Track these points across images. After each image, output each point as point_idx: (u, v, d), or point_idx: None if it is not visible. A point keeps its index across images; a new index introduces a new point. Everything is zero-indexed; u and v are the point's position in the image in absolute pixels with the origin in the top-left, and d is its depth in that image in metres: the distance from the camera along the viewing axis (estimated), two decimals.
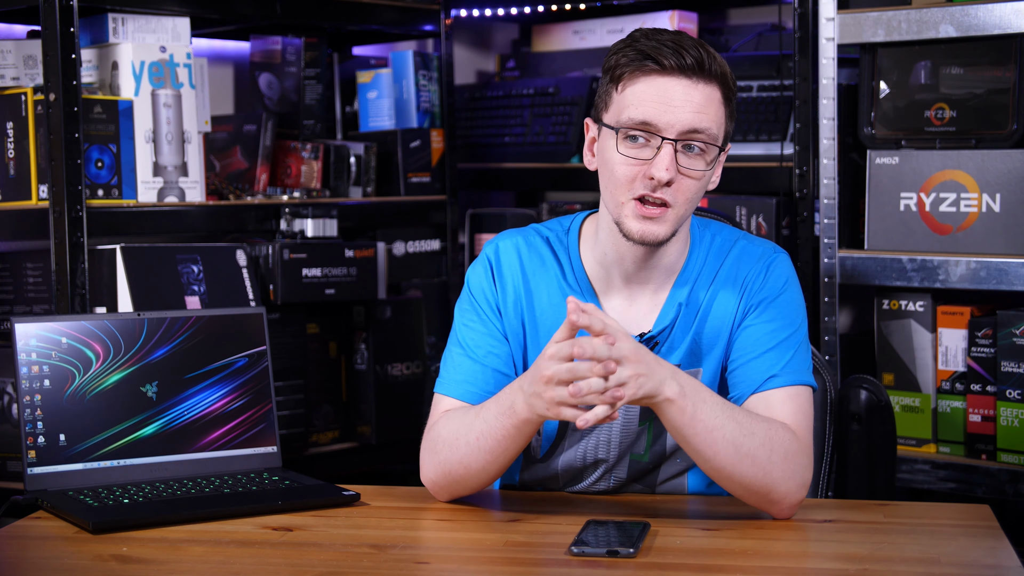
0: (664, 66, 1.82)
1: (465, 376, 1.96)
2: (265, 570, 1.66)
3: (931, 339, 2.87)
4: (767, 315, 1.92)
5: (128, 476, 2.02)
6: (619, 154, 1.85)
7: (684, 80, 1.83)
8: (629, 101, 1.84)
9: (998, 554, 1.66)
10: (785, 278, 1.95)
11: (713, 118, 1.84)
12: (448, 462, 1.89)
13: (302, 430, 3.12)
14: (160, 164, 2.89)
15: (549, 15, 3.72)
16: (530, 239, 2.01)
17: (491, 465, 1.87)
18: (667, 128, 1.82)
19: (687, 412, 1.77)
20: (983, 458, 2.81)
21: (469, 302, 2.00)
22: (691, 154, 1.84)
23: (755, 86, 3.21)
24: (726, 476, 1.82)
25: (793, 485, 1.82)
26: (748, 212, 3.11)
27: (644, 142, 1.84)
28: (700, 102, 1.83)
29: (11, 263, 2.92)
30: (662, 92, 1.82)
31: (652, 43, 1.83)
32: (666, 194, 1.84)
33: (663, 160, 1.82)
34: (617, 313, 1.95)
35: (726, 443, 1.79)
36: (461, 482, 1.91)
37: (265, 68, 3.40)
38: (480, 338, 1.97)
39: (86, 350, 2.02)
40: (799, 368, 1.90)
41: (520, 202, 3.93)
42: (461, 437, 1.87)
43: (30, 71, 2.90)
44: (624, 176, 1.85)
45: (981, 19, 2.73)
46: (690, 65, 1.82)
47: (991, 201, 2.77)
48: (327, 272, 3.07)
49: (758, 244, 1.98)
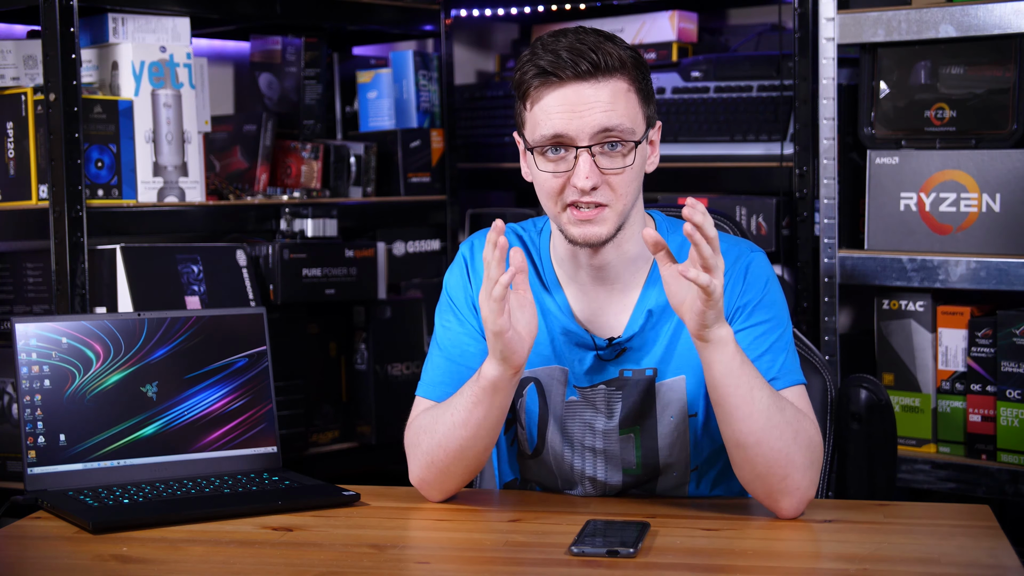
0: (563, 77, 1.85)
1: (442, 377, 1.98)
2: (265, 570, 1.66)
3: (931, 339, 2.87)
4: (754, 318, 1.92)
5: (128, 476, 2.02)
6: (541, 172, 1.88)
7: (585, 85, 1.85)
8: (538, 118, 1.87)
9: (998, 554, 1.66)
10: (765, 278, 1.95)
11: (624, 112, 1.86)
12: (430, 451, 1.90)
13: (302, 430, 3.12)
14: (160, 164, 2.89)
15: (549, 15, 3.72)
16: (506, 237, 2.02)
17: (468, 442, 1.87)
18: (579, 136, 1.85)
19: (737, 359, 1.77)
20: (983, 458, 2.81)
21: (447, 304, 2.02)
22: (612, 152, 1.86)
23: (755, 86, 3.21)
24: (753, 443, 1.79)
25: (810, 476, 1.81)
26: (748, 212, 3.11)
27: (562, 153, 1.86)
28: (607, 100, 1.85)
29: (11, 263, 2.92)
30: (566, 102, 1.85)
31: (549, 56, 1.85)
32: (597, 196, 1.86)
33: (582, 169, 1.84)
34: (588, 315, 1.96)
35: (763, 407, 1.78)
36: (445, 470, 1.91)
37: (265, 68, 3.40)
38: (456, 337, 1.99)
39: (86, 350, 2.03)
40: (793, 367, 1.91)
41: (520, 202, 3.92)
42: (439, 423, 1.89)
43: (30, 71, 2.90)
44: (551, 189, 1.88)
45: (981, 19, 2.73)
46: (586, 71, 1.84)
47: (991, 201, 2.77)
48: (327, 272, 3.07)
49: (733, 244, 1.97)
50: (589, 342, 1.95)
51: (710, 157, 3.23)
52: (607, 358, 1.94)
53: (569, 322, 1.96)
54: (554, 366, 1.96)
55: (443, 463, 1.90)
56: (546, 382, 1.97)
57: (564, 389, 1.96)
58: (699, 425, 1.95)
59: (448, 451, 1.89)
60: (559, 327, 1.96)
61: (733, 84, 3.25)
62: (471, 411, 1.86)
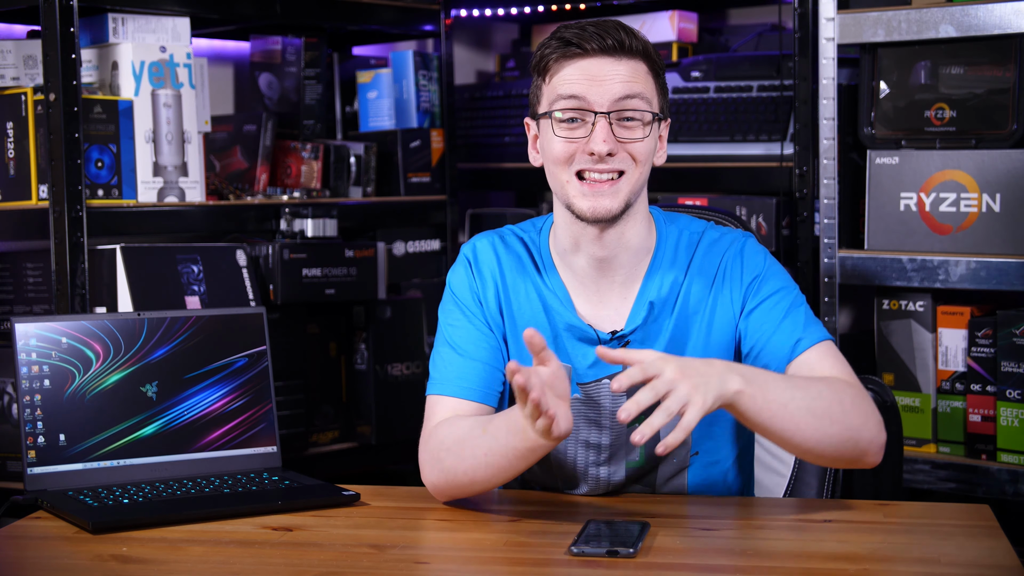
0: (587, 49, 1.86)
1: (458, 373, 1.96)
2: (265, 570, 1.66)
3: (931, 339, 2.87)
4: (765, 290, 1.94)
5: (128, 476, 2.02)
6: (556, 137, 1.88)
7: (609, 58, 1.87)
8: (556, 85, 1.88)
9: (998, 554, 1.66)
10: (762, 253, 1.98)
11: (643, 86, 1.88)
12: (453, 471, 1.87)
13: (302, 430, 3.12)
14: (160, 164, 2.89)
15: (549, 15, 3.72)
16: (507, 238, 2.03)
17: (497, 478, 1.86)
18: (598, 102, 1.86)
19: (758, 398, 1.76)
20: (983, 458, 2.81)
21: (452, 302, 2.01)
22: (628, 124, 1.87)
23: (755, 86, 3.21)
24: (814, 445, 1.80)
25: (873, 425, 1.84)
26: (748, 212, 3.11)
27: (579, 122, 1.87)
28: (627, 74, 1.87)
29: (11, 263, 2.92)
30: (589, 71, 1.87)
31: (574, 31, 1.87)
32: (614, 163, 1.87)
33: (599, 133, 1.85)
34: (588, 310, 1.96)
35: (802, 413, 1.79)
36: (466, 489, 1.90)
37: (265, 68, 3.40)
38: (467, 334, 1.98)
39: (86, 350, 2.02)
40: (815, 324, 1.93)
41: (520, 202, 3.92)
42: (467, 449, 1.85)
43: (30, 71, 2.90)
44: (563, 153, 1.88)
45: (981, 19, 2.73)
46: (612, 45, 1.86)
47: (991, 201, 2.77)
48: (327, 272, 3.07)
49: (724, 233, 2.00)
50: (592, 336, 1.95)
51: (710, 157, 3.23)
52: None
53: (571, 316, 1.96)
54: None
55: (465, 485, 1.88)
56: None
57: (567, 386, 1.96)
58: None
59: (474, 480, 1.87)
60: (562, 323, 1.96)
61: (733, 84, 3.25)
62: (509, 460, 1.82)
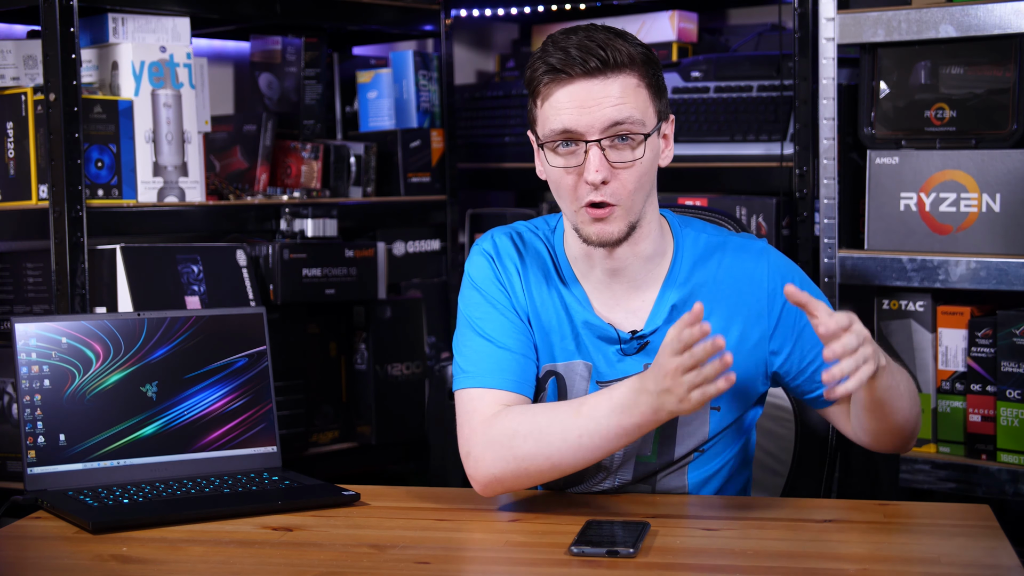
0: (572, 74, 1.86)
1: (496, 365, 1.93)
2: (265, 570, 1.66)
3: (931, 339, 2.87)
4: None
5: (128, 476, 2.02)
6: (553, 167, 1.89)
7: (595, 81, 1.86)
8: (548, 114, 1.88)
9: (998, 554, 1.66)
10: (785, 260, 2.00)
11: (634, 105, 1.87)
12: (533, 457, 1.84)
13: (302, 430, 3.12)
14: (160, 164, 2.89)
15: (549, 15, 3.72)
16: (525, 235, 2.03)
17: (585, 461, 1.84)
18: (588, 131, 1.86)
19: (887, 372, 1.81)
20: (983, 458, 2.81)
21: (478, 294, 1.99)
22: (621, 145, 1.87)
23: (755, 86, 3.21)
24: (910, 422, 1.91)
25: (918, 413, 1.94)
26: (748, 212, 3.11)
27: (572, 148, 1.88)
28: (617, 95, 1.86)
29: (11, 263, 2.92)
30: (575, 98, 1.86)
31: (559, 54, 1.87)
32: (605, 194, 1.87)
33: (592, 163, 1.85)
34: (607, 310, 1.96)
35: (905, 391, 1.88)
36: (544, 475, 1.87)
37: (265, 68, 3.40)
38: (499, 324, 1.96)
39: (86, 350, 2.03)
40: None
41: (520, 202, 3.92)
42: (555, 434, 1.83)
43: (30, 71, 2.90)
44: (567, 186, 1.89)
45: (981, 19, 2.73)
46: (595, 67, 1.86)
47: (991, 201, 2.77)
48: (327, 272, 3.07)
49: (746, 239, 2.00)
50: (612, 335, 1.94)
51: (710, 157, 3.23)
52: (629, 352, 1.94)
53: (590, 315, 1.95)
54: (577, 360, 1.96)
55: (538, 472, 1.86)
56: (568, 377, 1.96)
57: (587, 385, 1.96)
58: (718, 417, 1.96)
59: (556, 465, 1.85)
60: (581, 320, 1.96)
61: (733, 84, 3.25)
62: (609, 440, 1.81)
